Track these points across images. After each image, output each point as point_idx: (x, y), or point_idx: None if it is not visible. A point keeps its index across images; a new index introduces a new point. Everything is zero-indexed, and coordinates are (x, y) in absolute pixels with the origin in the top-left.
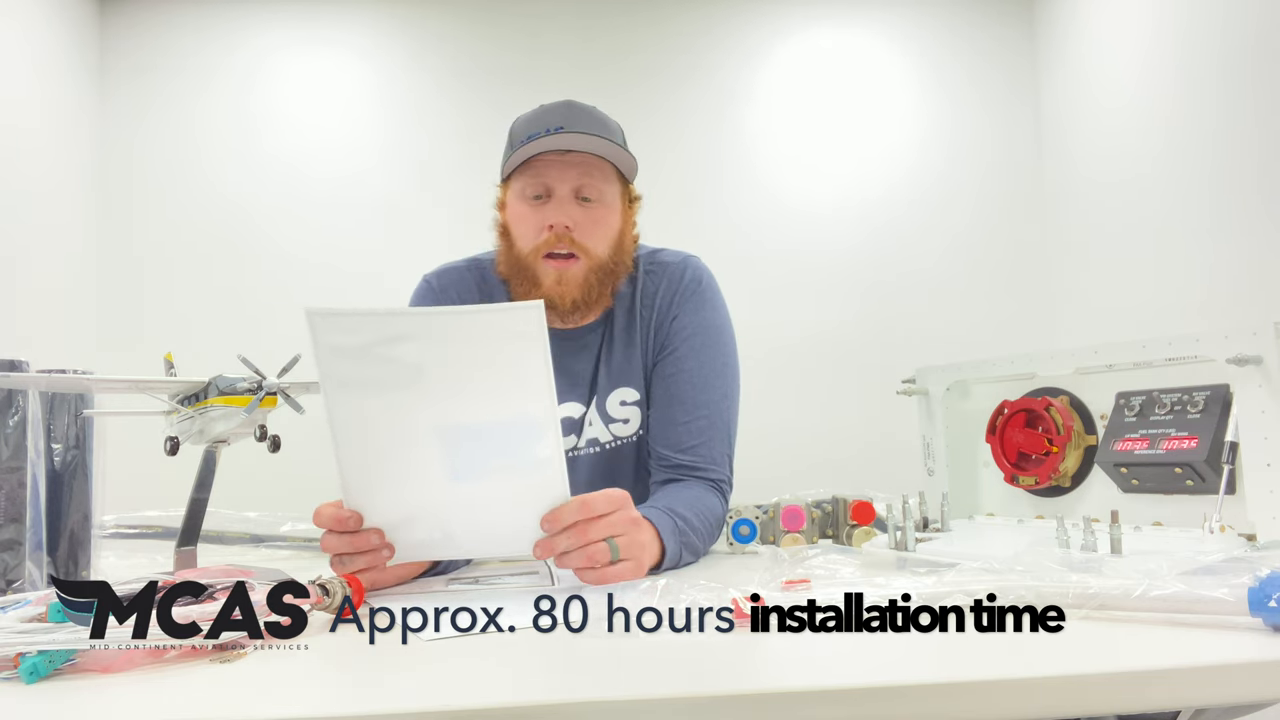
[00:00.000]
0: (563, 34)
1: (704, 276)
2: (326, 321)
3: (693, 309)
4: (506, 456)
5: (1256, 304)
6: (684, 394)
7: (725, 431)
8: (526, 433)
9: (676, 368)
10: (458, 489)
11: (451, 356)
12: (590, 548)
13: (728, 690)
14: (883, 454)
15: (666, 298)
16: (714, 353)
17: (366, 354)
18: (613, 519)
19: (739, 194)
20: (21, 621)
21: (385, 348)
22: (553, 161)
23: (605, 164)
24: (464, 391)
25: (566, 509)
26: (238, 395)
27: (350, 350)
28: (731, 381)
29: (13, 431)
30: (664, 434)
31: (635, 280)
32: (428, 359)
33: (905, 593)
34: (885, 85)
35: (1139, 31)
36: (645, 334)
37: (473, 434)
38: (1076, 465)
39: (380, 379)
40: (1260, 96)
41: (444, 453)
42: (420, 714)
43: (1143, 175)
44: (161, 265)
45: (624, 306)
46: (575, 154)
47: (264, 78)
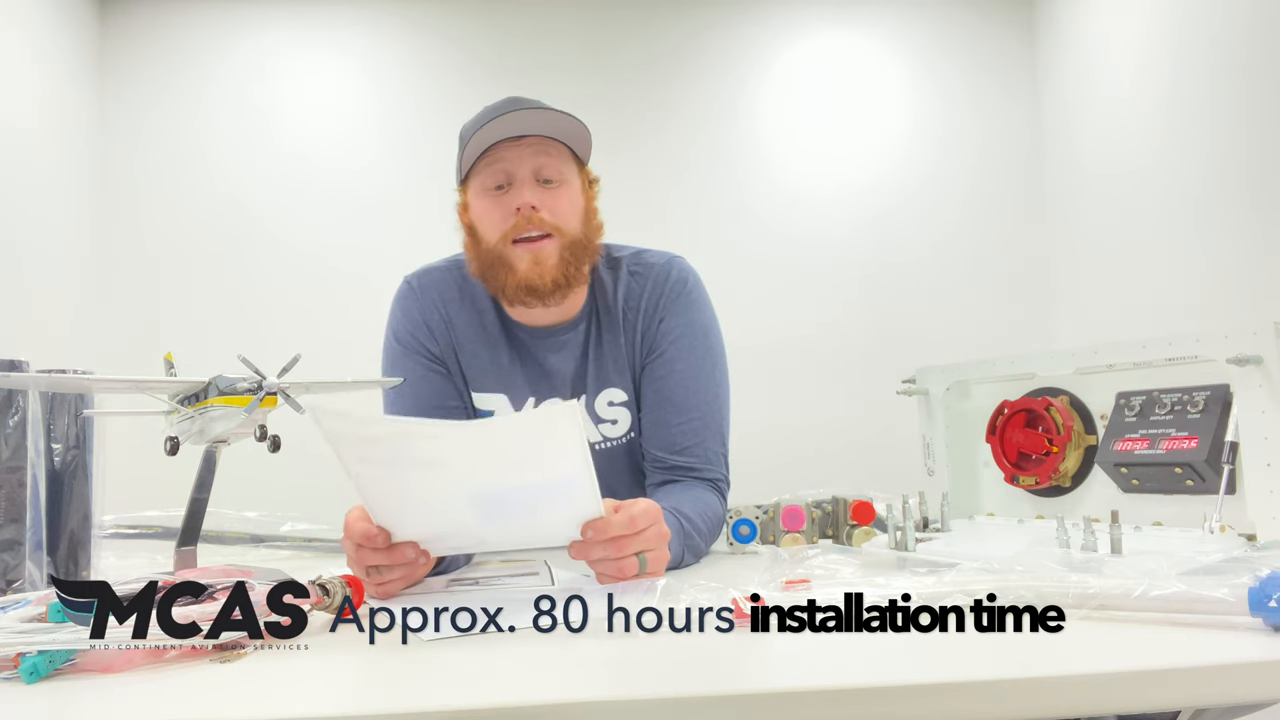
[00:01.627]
0: (563, 35)
1: (689, 277)
2: (328, 417)
3: (680, 310)
4: (542, 503)
5: (1256, 304)
6: (676, 396)
7: (719, 430)
8: (562, 489)
9: (667, 370)
10: (490, 524)
11: (478, 456)
12: (624, 561)
13: (728, 690)
14: (883, 454)
15: (653, 300)
16: (703, 353)
17: (379, 445)
18: (648, 534)
19: (741, 194)
20: (21, 621)
21: (398, 446)
22: (508, 146)
23: (560, 146)
24: (490, 474)
25: (614, 523)
26: (238, 395)
27: (361, 439)
28: (721, 381)
29: (13, 431)
30: (658, 436)
31: (620, 281)
32: (451, 456)
33: (905, 593)
34: (883, 86)
35: (1137, 32)
36: (631, 336)
37: (504, 495)
38: (1076, 465)
39: (399, 463)
40: (1258, 96)
41: (475, 510)
42: (420, 714)
43: (1142, 174)
44: (161, 265)
45: (608, 306)
46: (529, 137)
47: (264, 77)
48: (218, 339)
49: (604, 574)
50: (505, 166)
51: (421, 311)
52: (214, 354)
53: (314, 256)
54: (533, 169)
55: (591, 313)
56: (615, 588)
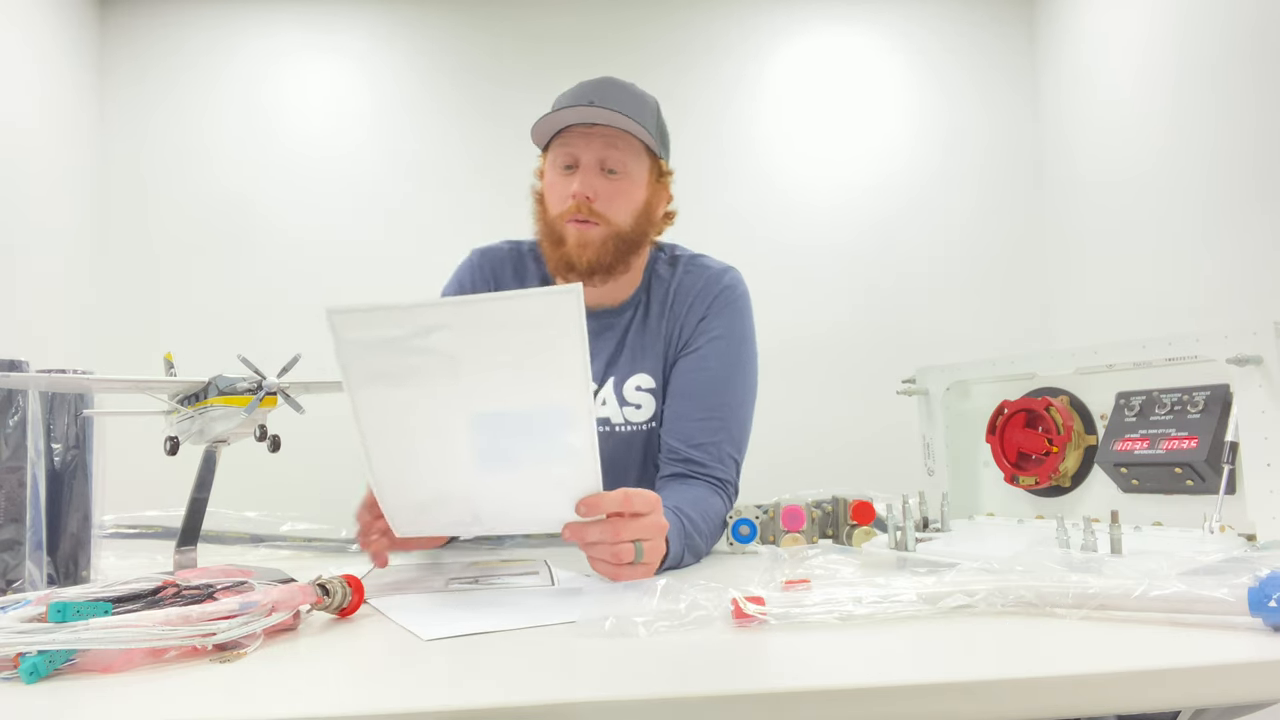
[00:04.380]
0: (564, 36)
1: (740, 287)
2: (348, 319)
3: (724, 313)
4: (538, 444)
5: (1256, 304)
6: (702, 392)
7: (736, 437)
8: (560, 420)
9: (699, 365)
10: (487, 474)
11: (485, 343)
12: (619, 546)
13: (728, 690)
14: (882, 454)
15: (703, 298)
16: (735, 359)
17: (393, 347)
18: (645, 522)
19: (741, 194)
20: (21, 621)
21: (414, 340)
22: (580, 133)
23: (630, 138)
24: (497, 379)
25: (609, 498)
26: (238, 395)
27: (374, 345)
28: (749, 391)
29: (13, 431)
30: (676, 427)
31: (675, 277)
32: (460, 347)
33: (905, 593)
34: (884, 85)
35: (1138, 32)
36: (673, 327)
37: (504, 421)
38: (1076, 465)
39: (408, 371)
40: (1259, 95)
41: (474, 440)
42: (420, 714)
43: (1143, 174)
44: (161, 265)
45: (659, 297)
46: (600, 127)
47: (265, 77)
48: (218, 339)
49: (599, 559)
50: (574, 151)
51: (471, 276)
52: (214, 354)
53: (314, 257)
54: (598, 159)
55: (640, 303)
56: (615, 588)
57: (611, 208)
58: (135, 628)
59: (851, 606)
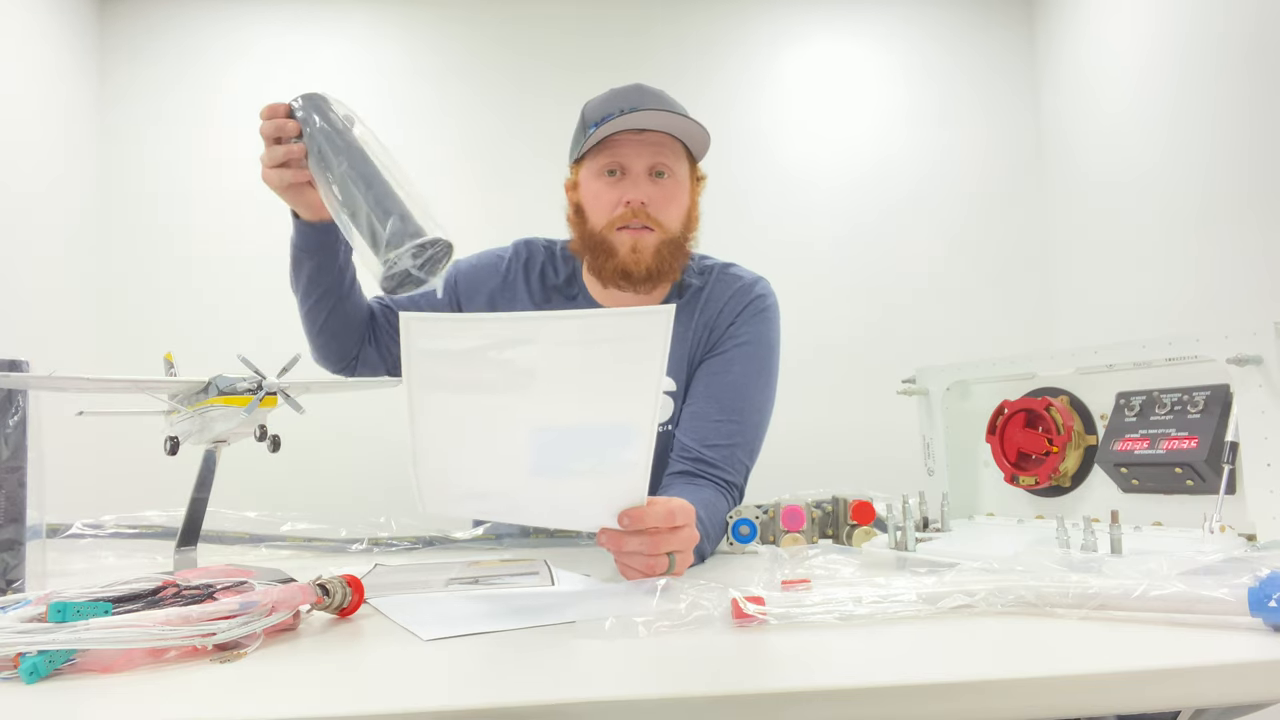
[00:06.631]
0: (564, 36)
1: (771, 299)
2: (421, 326)
3: (753, 321)
4: (595, 457)
5: (1256, 304)
6: (723, 395)
7: (750, 444)
8: (621, 437)
9: (723, 368)
10: (536, 479)
11: (565, 358)
12: (656, 559)
13: (728, 690)
14: (883, 454)
15: (733, 304)
16: (759, 367)
17: (465, 358)
18: (682, 534)
19: (740, 192)
20: (21, 621)
21: (491, 352)
22: (628, 140)
23: (676, 143)
24: (568, 394)
25: (652, 513)
26: (238, 395)
27: (444, 354)
28: (769, 401)
29: (13, 431)
30: (693, 425)
31: (706, 287)
32: (538, 361)
33: (905, 593)
34: (883, 86)
35: (1139, 32)
36: (700, 330)
37: (566, 435)
38: (1076, 465)
39: (478, 382)
40: (1260, 96)
41: (531, 450)
42: (420, 714)
43: (1143, 175)
44: (162, 265)
45: (689, 302)
46: (650, 133)
47: (265, 77)
48: (218, 339)
49: (631, 568)
50: (621, 158)
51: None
52: (214, 354)
53: None
54: (649, 165)
55: (673, 302)
56: (615, 588)
57: (664, 212)
58: (135, 628)
59: (851, 606)
